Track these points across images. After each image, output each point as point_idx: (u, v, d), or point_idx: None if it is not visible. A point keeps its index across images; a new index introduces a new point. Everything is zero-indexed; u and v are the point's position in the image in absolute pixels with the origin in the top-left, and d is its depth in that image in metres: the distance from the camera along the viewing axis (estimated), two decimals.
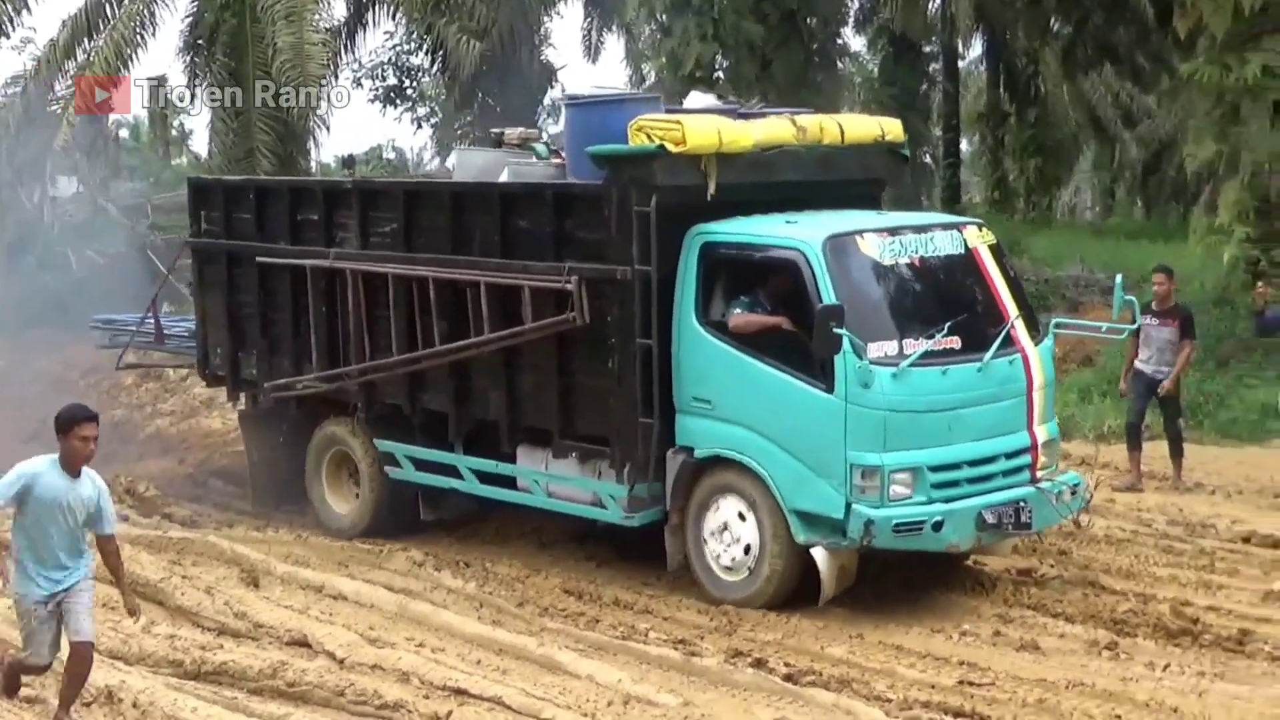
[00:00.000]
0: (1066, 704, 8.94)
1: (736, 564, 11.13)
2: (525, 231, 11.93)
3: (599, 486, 11.81)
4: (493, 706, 8.88)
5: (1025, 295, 11.36)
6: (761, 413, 10.91)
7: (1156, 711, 8.84)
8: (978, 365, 10.74)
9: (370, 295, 13.00)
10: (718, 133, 11.20)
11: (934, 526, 10.46)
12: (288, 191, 14.04)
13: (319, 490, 13.88)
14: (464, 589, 11.74)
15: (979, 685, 9.31)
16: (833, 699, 9.02)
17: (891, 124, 12.51)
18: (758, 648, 10.18)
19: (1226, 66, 17.73)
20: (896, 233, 11.03)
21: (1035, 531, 11.12)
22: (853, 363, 10.37)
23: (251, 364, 14.34)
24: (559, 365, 11.79)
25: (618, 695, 9.09)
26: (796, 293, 10.80)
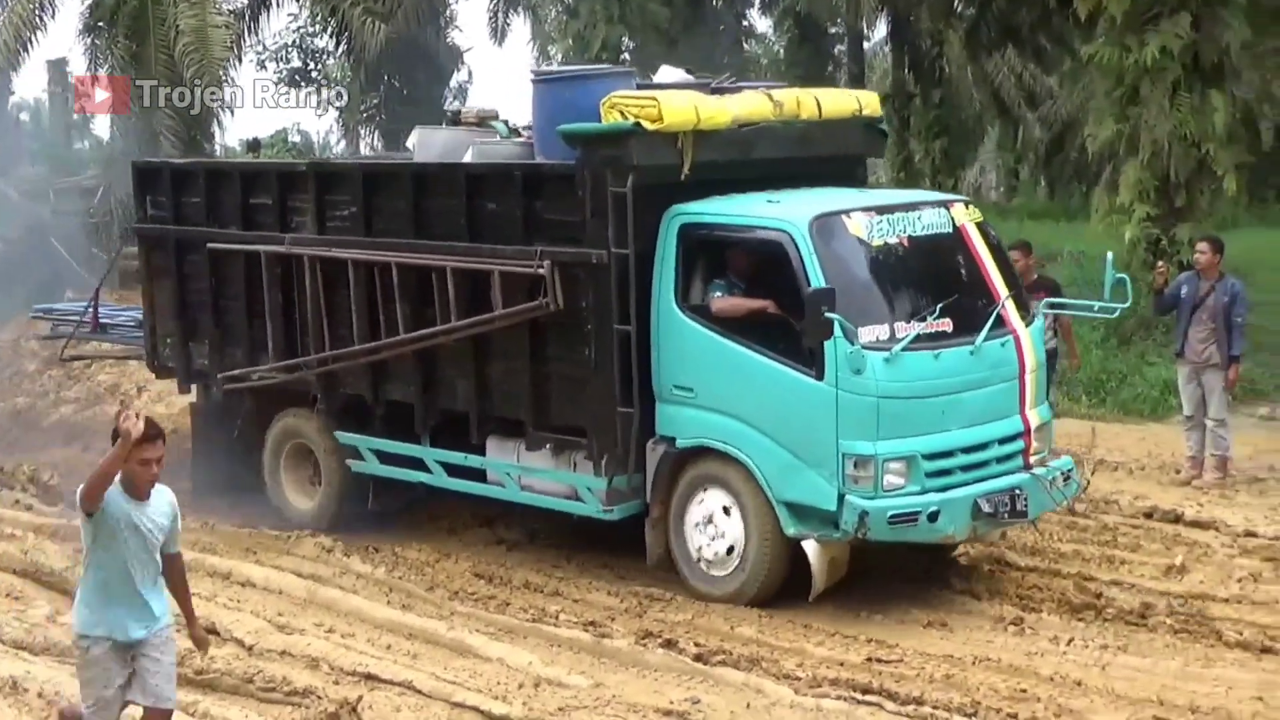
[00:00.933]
0: (973, 679, 9.00)
1: (721, 558, 10.62)
2: (493, 214, 11.34)
3: (576, 479, 11.25)
4: (403, 691, 8.86)
5: (1014, 274, 10.82)
6: (747, 401, 10.39)
7: (1061, 685, 8.91)
8: (970, 348, 10.27)
9: (329, 282, 12.36)
10: (695, 109, 10.66)
11: (929, 517, 10.00)
12: (239, 175, 13.33)
13: (278, 485, 13.25)
14: (373, 574, 11.57)
15: (887, 662, 9.35)
16: (742, 678, 9.05)
17: (868, 98, 12.02)
18: (668, 628, 10.10)
19: (1126, 48, 17.78)
20: (884, 211, 10.51)
21: (1031, 520, 10.66)
22: (844, 348, 9.86)
23: (203, 354, 13.65)
24: (531, 353, 11.21)
25: (528, 677, 9.06)
26: (781, 275, 10.27)
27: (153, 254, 14.05)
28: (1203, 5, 17.35)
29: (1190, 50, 17.57)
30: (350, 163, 12.81)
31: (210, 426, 13.91)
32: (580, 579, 11.37)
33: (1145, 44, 17.62)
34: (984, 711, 8.50)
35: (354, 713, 8.44)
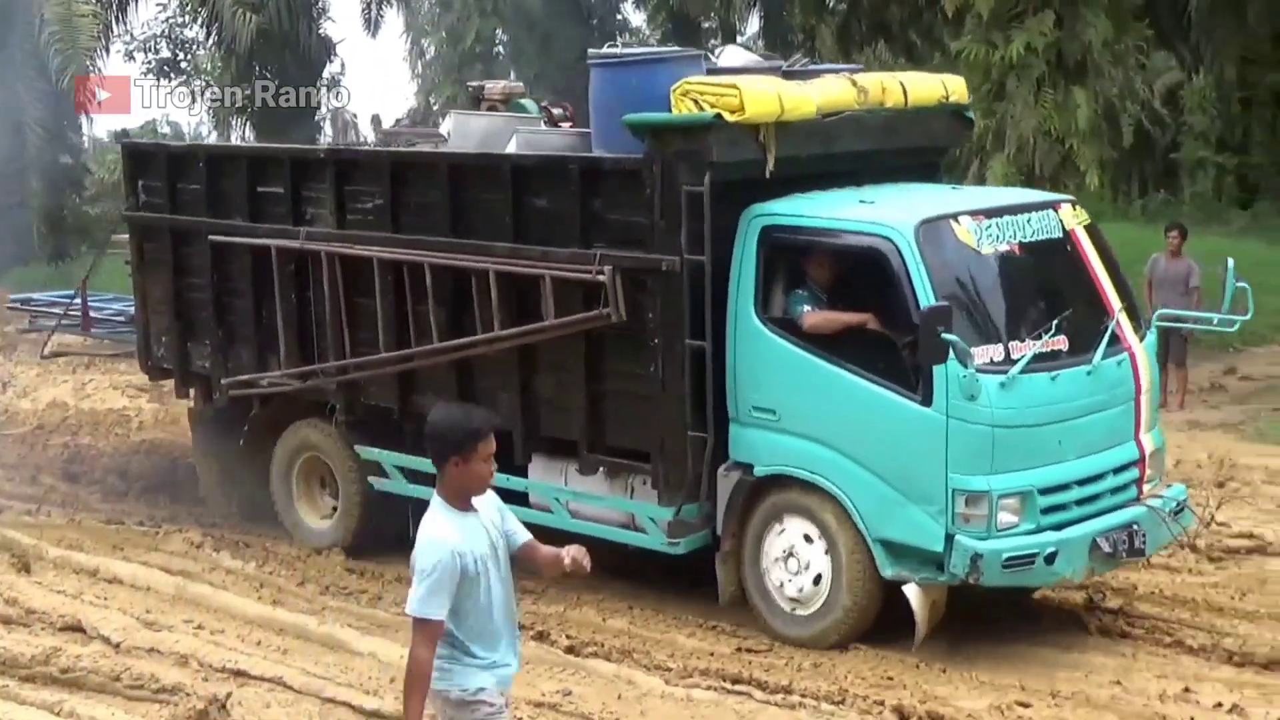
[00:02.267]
0: (840, 667, 8.97)
1: (805, 597, 9.48)
2: (544, 212, 10.09)
3: (636, 507, 10.04)
4: (273, 687, 8.76)
5: (1127, 283, 9.66)
6: (840, 426, 9.22)
7: (926, 671, 8.90)
8: (1087, 368, 9.14)
9: (350, 281, 11.05)
10: (779, 98, 9.43)
11: (1047, 559, 8.88)
12: (245, 160, 11.92)
13: (288, 502, 11.96)
14: (244, 569, 11.36)
15: (756, 652, 9.31)
16: (614, 669, 9.04)
17: (955, 83, 10.83)
18: (540, 621, 9.92)
19: (992, 44, 17.84)
20: (992, 215, 9.34)
21: (1147, 557, 9.52)
22: (956, 371, 8.69)
23: (204, 356, 12.31)
24: (587, 367, 9.97)
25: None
26: (880, 286, 9.12)
27: (145, 244, 12.66)
28: (1066, 4, 17.47)
29: (1054, 48, 17.73)
30: (377, 150, 11.44)
31: (211, 436, 12.58)
32: None
33: (1011, 41, 17.72)
34: (851, 698, 8.45)
35: (223, 709, 8.29)
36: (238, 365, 11.97)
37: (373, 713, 8.37)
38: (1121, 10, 19.43)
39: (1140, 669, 8.97)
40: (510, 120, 11.04)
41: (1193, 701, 8.42)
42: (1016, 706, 8.36)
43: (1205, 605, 9.92)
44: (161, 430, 15.68)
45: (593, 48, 10.35)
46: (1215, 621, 9.68)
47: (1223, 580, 10.04)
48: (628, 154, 9.62)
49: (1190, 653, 9.23)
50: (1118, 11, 18.82)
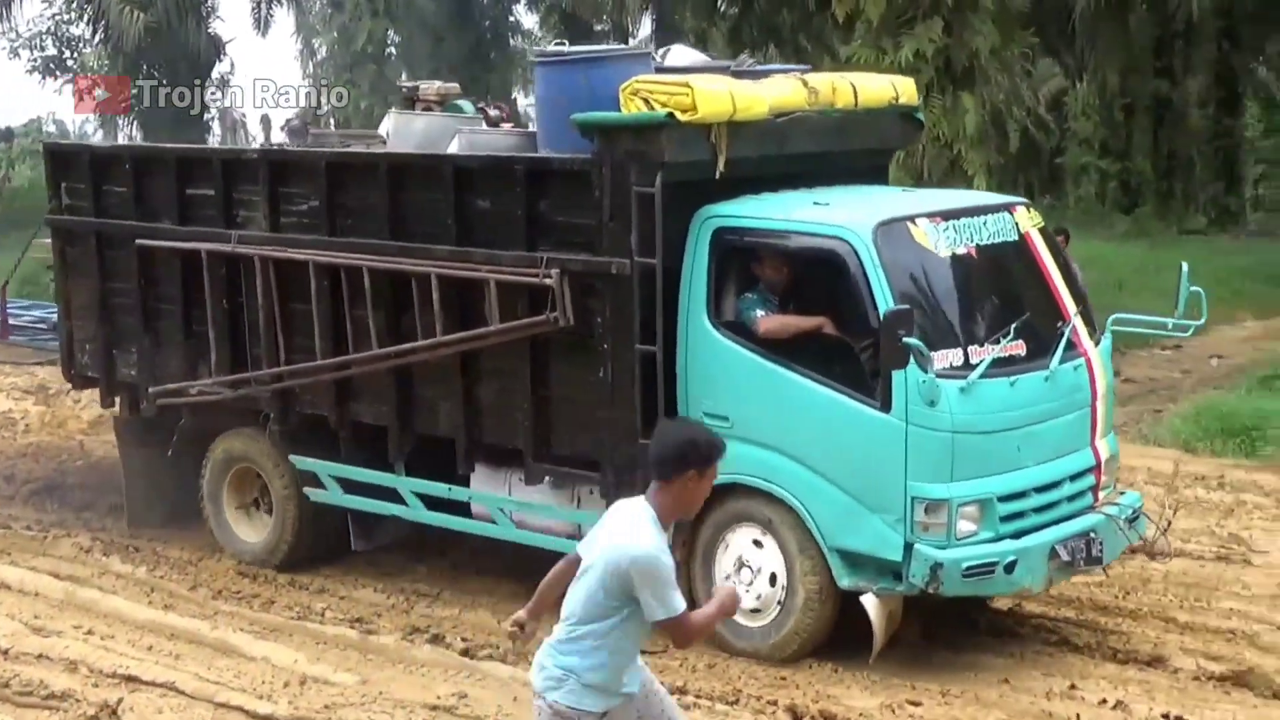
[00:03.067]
0: (735, 668, 8.99)
1: (761, 605, 9.22)
2: (488, 214, 9.76)
3: (585, 518, 9.66)
4: (165, 692, 8.67)
5: (1082, 287, 9.48)
6: (795, 434, 8.95)
7: (819, 672, 8.93)
8: (1045, 374, 8.93)
9: (284, 286, 10.67)
10: (731, 98, 9.17)
11: (1006, 568, 8.66)
12: (175, 161, 11.47)
13: (220, 514, 11.53)
14: (134, 574, 11.18)
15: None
16: (510, 672, 8.88)
17: (905, 84, 10.62)
18: (435, 624, 9.94)
19: (882, 50, 17.80)
20: (949, 217, 9.12)
21: (1104, 566, 9.32)
22: (915, 376, 8.45)
23: (130, 363, 11.85)
24: (533, 374, 9.66)
25: (294, 676, 8.93)
26: (836, 290, 8.90)
27: (68, 248, 12.20)
28: (954, 11, 17.50)
29: (943, 54, 17.73)
30: (311, 151, 11.04)
31: (140, 445, 12.12)
32: (346, 576, 11.00)
33: (900, 47, 17.68)
34: (745, 698, 8.49)
35: (114, 715, 8.20)
36: (166, 373, 11.53)
37: (266, 717, 8.34)
38: (1008, 18, 19.54)
39: (1027, 667, 9.03)
40: (452, 120, 10.74)
41: (1078, 698, 8.51)
42: (907, 705, 8.41)
43: (1090, 604, 10.00)
44: (49, 434, 15.34)
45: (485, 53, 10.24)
46: (1100, 620, 9.77)
47: (1106, 580, 9.99)
48: (575, 154, 9.34)
49: (1075, 651, 9.30)
50: (1005, 19, 18.92)
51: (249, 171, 10.91)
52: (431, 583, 10.80)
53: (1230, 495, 12.74)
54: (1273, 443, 13.97)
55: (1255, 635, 9.42)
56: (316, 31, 34.45)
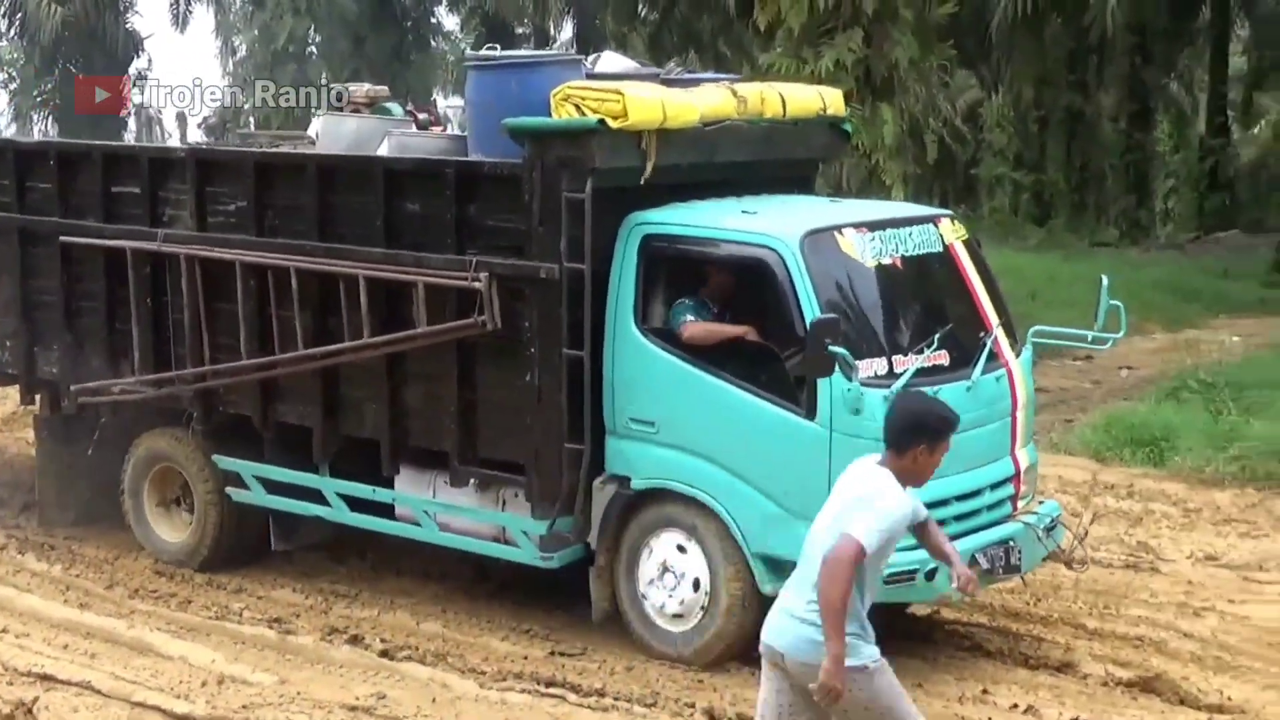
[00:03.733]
0: (652, 671, 9.00)
1: (681, 613, 9.21)
2: (417, 217, 9.71)
3: (509, 520, 9.71)
4: (81, 691, 8.60)
5: (1004, 299, 9.56)
6: (721, 439, 8.95)
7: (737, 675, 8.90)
8: (967, 384, 8.96)
9: (210, 286, 10.55)
10: (661, 105, 9.14)
11: (927, 576, 8.67)
12: (101, 158, 11.31)
13: (140, 513, 11.38)
14: (49, 572, 11.04)
15: (570, 656, 9.33)
16: (428, 673, 9.00)
17: (832, 95, 10.64)
18: (354, 624, 9.90)
19: (803, 60, 17.87)
20: (875, 227, 9.17)
21: (1022, 574, 9.38)
22: (840, 385, 8.47)
23: (52, 361, 11.68)
24: (459, 377, 9.61)
25: (211, 675, 8.89)
26: (763, 298, 8.91)
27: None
28: (874, 22, 17.68)
29: (862, 64, 17.85)
30: (240, 151, 10.95)
31: (59, 443, 11.94)
32: (265, 575, 10.92)
33: (820, 57, 17.76)
34: (663, 701, 8.53)
35: (29, 714, 8.09)
36: (88, 371, 11.37)
37: (183, 716, 8.30)
38: (927, 30, 19.59)
39: (941, 672, 9.08)
40: (383, 122, 10.65)
41: (990, 703, 8.59)
42: None
43: (1002, 611, 10.06)
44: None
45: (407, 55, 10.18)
46: (1011, 626, 9.84)
47: (1018, 587, 10.08)
48: (506, 159, 9.30)
49: (988, 656, 9.37)
50: (923, 31, 19.02)
51: (176, 170, 10.79)
52: (351, 583, 10.75)
53: (1139, 504, 12.87)
54: (1180, 453, 14.10)
55: (1162, 642, 9.52)
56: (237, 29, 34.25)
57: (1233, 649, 9.50)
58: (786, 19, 18.13)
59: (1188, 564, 11.23)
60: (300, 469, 10.51)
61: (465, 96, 9.89)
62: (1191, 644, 9.48)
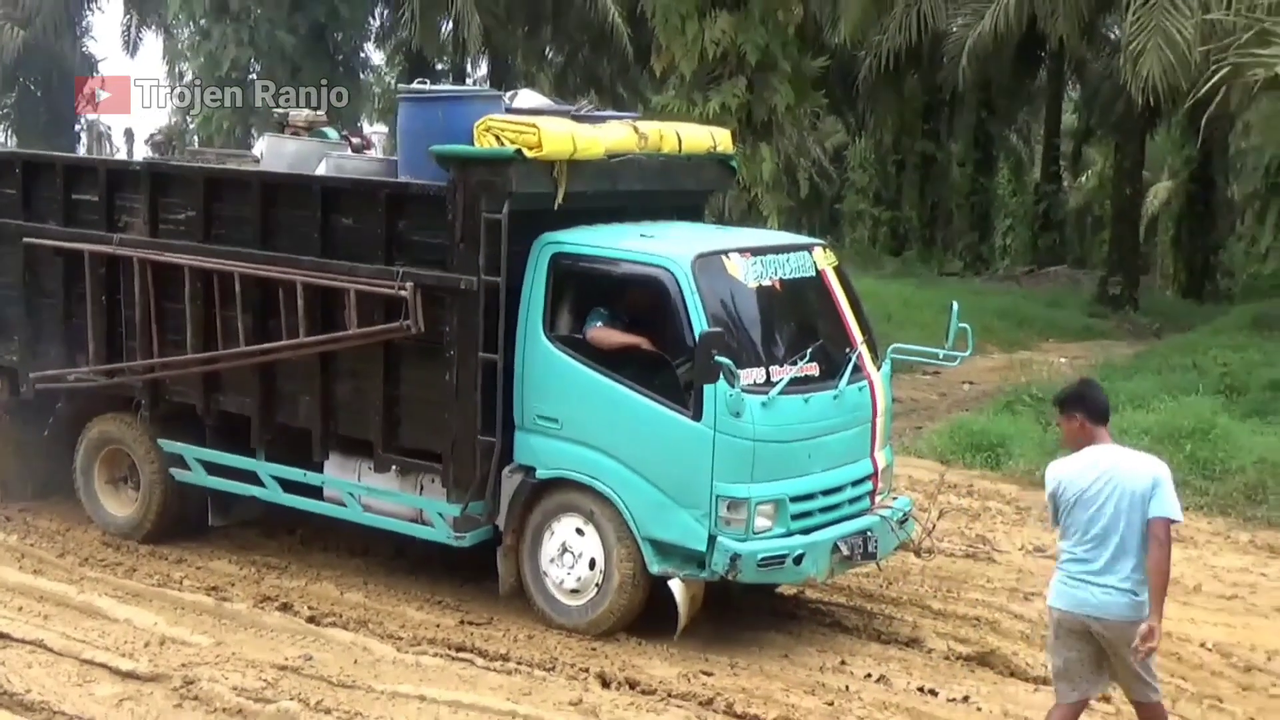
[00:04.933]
0: (551, 639, 9.03)
1: (581, 585, 9.20)
2: (350, 230, 9.62)
3: (426, 504, 9.65)
4: (34, 649, 8.54)
5: (868, 319, 9.65)
6: (617, 436, 8.97)
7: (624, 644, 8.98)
8: (834, 393, 9.08)
9: (160, 286, 10.39)
10: (572, 139, 9.18)
11: (795, 560, 8.78)
12: (62, 168, 11.11)
13: (90, 489, 11.17)
14: (5, 541, 10.86)
15: (477, 625, 9.31)
16: (351, 637, 9.00)
17: (722, 135, 10.69)
18: (284, 593, 9.83)
19: (692, 102, 17.84)
20: (757, 253, 9.24)
21: (878, 561, 9.47)
22: (724, 390, 8.54)
23: (12, 350, 11.40)
24: (385, 374, 9.54)
25: (154, 637, 8.85)
26: (657, 312, 8.94)
27: None
28: (755, 71, 17.68)
29: (745, 108, 17.88)
30: (191, 166, 10.80)
31: (17, 425, 11.65)
32: (203, 548, 10.76)
33: (708, 100, 17.74)
34: (560, 666, 8.58)
35: None
36: (46, 360, 11.12)
37: (128, 674, 8.23)
38: (801, 80, 19.59)
39: (804, 644, 9.18)
40: (322, 145, 10.56)
41: (847, 672, 8.71)
42: (701, 675, 8.49)
43: (858, 592, 10.15)
44: None
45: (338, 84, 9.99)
46: (866, 606, 9.94)
47: (873, 571, 10.14)
48: (432, 181, 9.24)
49: (846, 632, 9.47)
50: (798, 81, 19.03)
51: (132, 181, 10.63)
52: (281, 556, 10.65)
53: (978, 502, 13.02)
54: (1014, 458, 14.29)
55: (997, 622, 9.64)
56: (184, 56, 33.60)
57: None
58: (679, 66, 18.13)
59: (1019, 555, 11.39)
60: (238, 453, 10.38)
61: (397, 124, 9.78)
62: (1022, 624, 9.60)
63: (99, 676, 8.21)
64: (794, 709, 8.00)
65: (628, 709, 8.00)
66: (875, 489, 9.48)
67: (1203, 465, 13.53)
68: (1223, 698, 8.63)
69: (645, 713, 7.96)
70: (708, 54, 17.63)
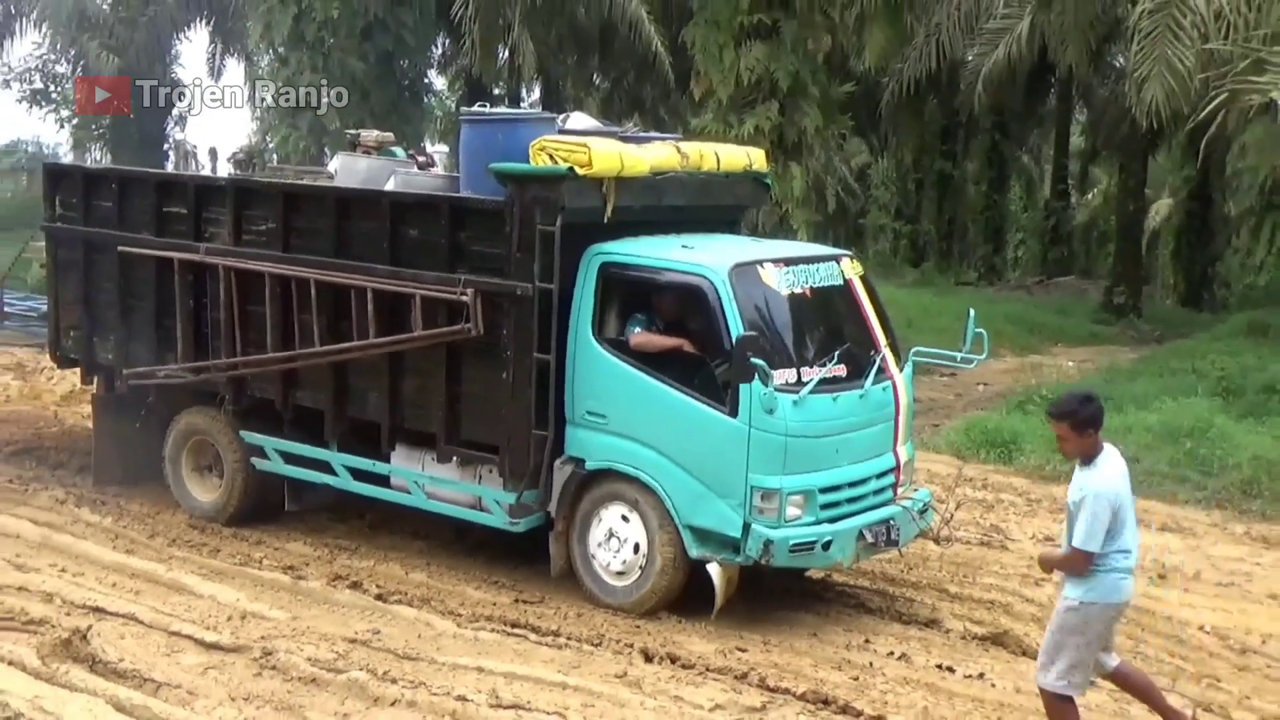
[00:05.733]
0: (599, 617, 9.04)
1: (623, 571, 9.20)
2: (416, 241, 9.64)
3: (484, 491, 9.67)
4: (127, 621, 8.55)
5: (891, 324, 9.61)
6: (659, 430, 8.96)
7: (666, 622, 8.97)
8: (860, 392, 9.04)
9: (243, 290, 10.44)
10: (620, 157, 9.18)
11: (824, 546, 8.77)
12: (154, 184, 11.21)
13: (178, 476, 11.24)
14: (101, 523, 10.86)
15: (531, 603, 9.32)
16: (415, 614, 9.01)
17: (757, 154, 10.66)
18: (354, 573, 9.81)
19: (729, 124, 17.68)
20: (790, 263, 9.22)
21: (900, 548, 9.43)
22: (758, 389, 8.54)
23: (108, 349, 11.49)
24: (447, 373, 9.55)
25: (236, 611, 8.88)
26: (697, 317, 8.95)
27: (60, 251, 11.82)
28: (787, 96, 17.50)
29: (777, 130, 17.69)
30: (271, 182, 10.87)
31: (112, 417, 11.75)
32: (280, 530, 10.77)
33: (744, 122, 17.54)
34: (607, 641, 8.54)
35: (84, 639, 7.92)
36: (138, 358, 11.21)
37: (212, 645, 8.23)
38: (829, 104, 19.41)
39: (831, 624, 9.17)
40: (390, 163, 10.59)
41: (871, 650, 8.69)
42: (736, 650, 8.49)
43: (881, 576, 10.11)
44: (26, 404, 14.91)
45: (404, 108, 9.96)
46: (889, 589, 9.91)
47: (895, 558, 10.10)
48: (491, 196, 9.26)
49: (870, 613, 9.45)
50: (826, 105, 18.84)
51: (218, 195, 10.69)
52: (351, 539, 10.66)
53: (991, 494, 12.94)
54: (1025, 454, 14.21)
55: (1009, 605, 9.61)
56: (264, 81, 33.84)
57: None
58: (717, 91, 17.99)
59: (1030, 543, 11.31)
60: (312, 444, 10.44)
61: (459, 144, 9.80)
62: (1033, 607, 9.56)
63: (185, 647, 8.25)
64: (822, 683, 7.98)
65: (669, 682, 8.00)
66: (897, 481, 9.44)
67: (1201, 462, 13.43)
68: (1220, 678, 8.58)
69: (685, 685, 7.95)
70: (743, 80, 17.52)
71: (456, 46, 31.29)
